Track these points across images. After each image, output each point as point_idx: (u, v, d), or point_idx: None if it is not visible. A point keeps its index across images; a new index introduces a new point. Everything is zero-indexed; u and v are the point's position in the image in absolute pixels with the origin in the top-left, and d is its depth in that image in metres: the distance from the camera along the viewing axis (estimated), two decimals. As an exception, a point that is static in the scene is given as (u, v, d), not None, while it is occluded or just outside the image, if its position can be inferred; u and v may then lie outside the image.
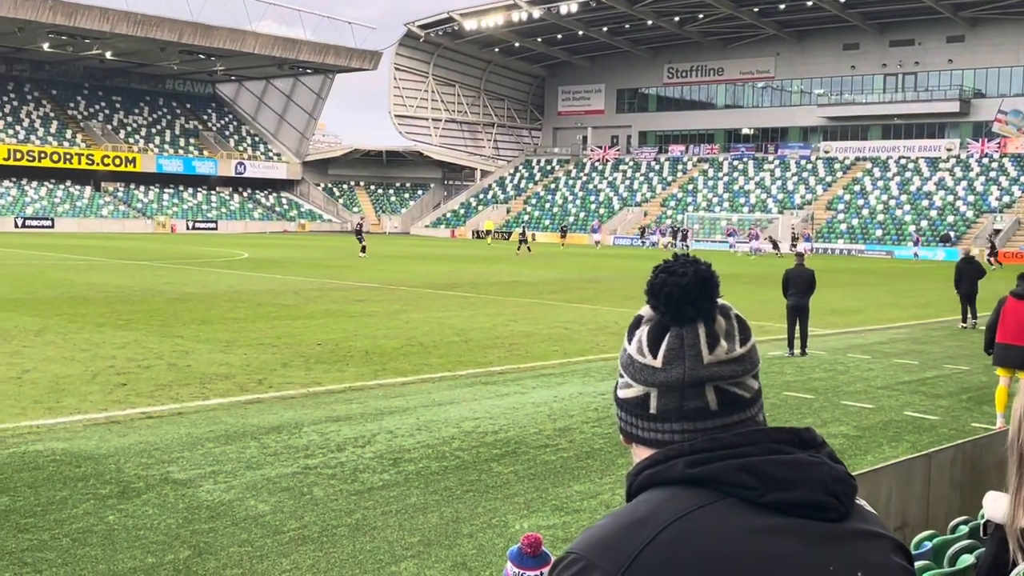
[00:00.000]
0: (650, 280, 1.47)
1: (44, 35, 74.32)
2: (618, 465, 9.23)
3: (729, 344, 1.45)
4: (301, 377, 13.54)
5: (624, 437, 1.54)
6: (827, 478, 1.40)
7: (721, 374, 1.44)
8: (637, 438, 1.50)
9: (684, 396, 1.44)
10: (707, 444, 1.41)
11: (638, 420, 1.49)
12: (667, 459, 1.43)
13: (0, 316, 19.31)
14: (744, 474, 1.37)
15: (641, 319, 1.50)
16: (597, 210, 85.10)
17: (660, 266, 1.48)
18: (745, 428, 1.45)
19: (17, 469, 8.52)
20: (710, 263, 1.48)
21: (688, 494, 1.38)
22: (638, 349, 1.48)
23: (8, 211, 75.73)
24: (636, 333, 1.50)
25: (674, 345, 1.44)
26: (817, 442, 1.46)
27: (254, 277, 31.72)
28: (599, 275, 37.75)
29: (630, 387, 1.49)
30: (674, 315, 1.44)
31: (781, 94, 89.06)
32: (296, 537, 7.00)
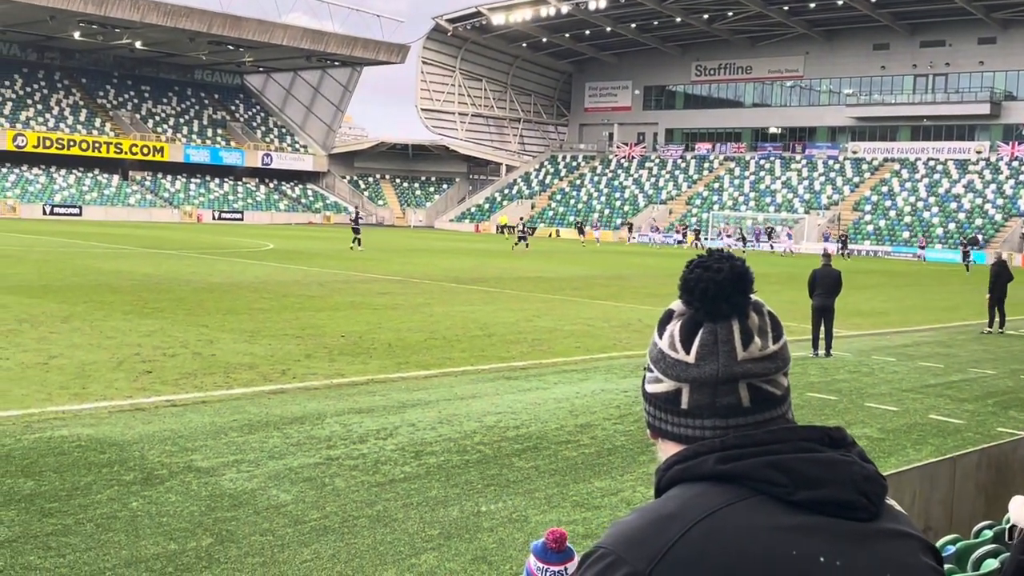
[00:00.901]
0: (684, 275, 1.46)
1: (75, 24, 74.85)
2: (639, 462, 9.22)
3: (763, 341, 1.44)
4: (324, 368, 13.59)
5: (651, 432, 1.53)
6: (857, 477, 1.39)
7: (754, 371, 1.43)
8: (666, 433, 1.49)
9: (717, 393, 1.43)
10: (737, 441, 1.40)
11: (668, 415, 1.48)
12: (697, 455, 1.42)
13: (28, 302, 19.48)
14: (774, 471, 1.37)
15: (672, 313, 1.49)
16: (622, 207, 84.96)
17: (695, 261, 1.47)
18: (776, 426, 1.44)
19: (43, 454, 8.60)
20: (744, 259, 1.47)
21: (718, 491, 1.37)
22: (670, 344, 1.47)
23: (37, 198, 76.36)
24: (667, 328, 1.48)
25: (708, 341, 1.43)
26: (847, 441, 1.45)
27: (279, 268, 31.86)
28: (623, 272, 37.68)
29: (660, 382, 1.48)
30: (708, 311, 1.43)
31: (809, 93, 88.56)
32: (317, 527, 7.04)
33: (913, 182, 75.96)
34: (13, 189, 76.23)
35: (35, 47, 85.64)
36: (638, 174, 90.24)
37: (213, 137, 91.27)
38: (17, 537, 6.57)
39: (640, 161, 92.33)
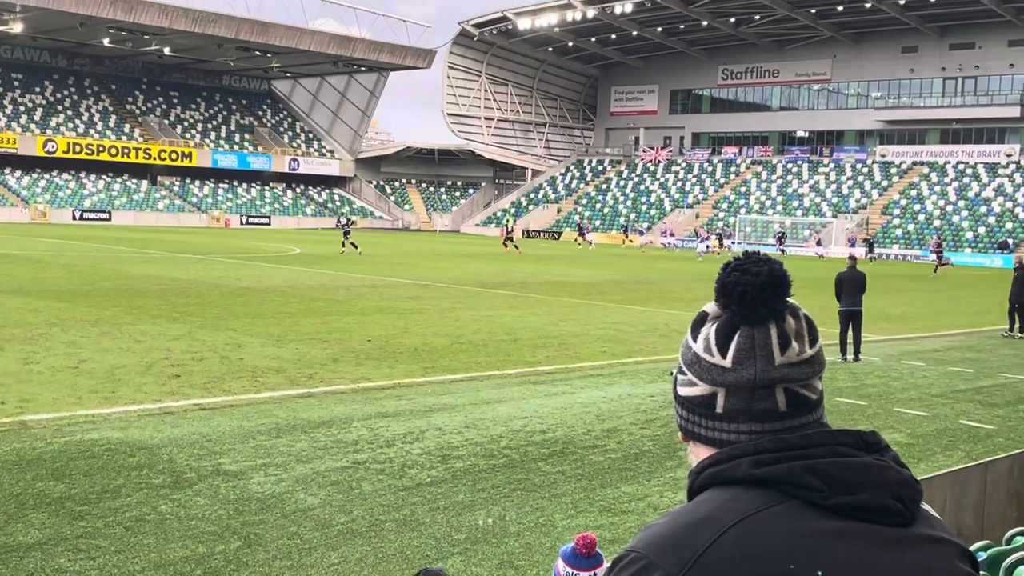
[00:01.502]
0: (721, 278, 1.44)
1: (105, 31, 75.53)
2: (666, 467, 9.19)
3: (800, 345, 1.42)
4: (351, 372, 13.63)
5: (683, 435, 1.52)
6: (893, 482, 1.37)
7: (791, 376, 1.41)
8: (699, 437, 1.48)
9: (753, 397, 1.41)
10: (772, 444, 1.39)
11: (701, 419, 1.46)
12: (730, 459, 1.40)
13: (58, 307, 19.66)
14: (810, 476, 1.35)
15: (706, 316, 1.47)
16: (648, 211, 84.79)
17: (732, 264, 1.45)
18: (811, 430, 1.42)
19: (73, 457, 8.67)
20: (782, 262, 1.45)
21: (752, 495, 1.36)
22: (705, 348, 1.44)
23: (67, 203, 77.07)
24: (702, 331, 1.46)
25: (745, 345, 1.41)
26: (882, 445, 1.44)
27: (306, 272, 32.00)
28: (650, 276, 37.60)
29: (694, 385, 1.46)
30: (745, 314, 1.42)
31: (837, 96, 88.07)
32: (344, 531, 7.06)
33: (942, 186, 75.37)
34: (44, 194, 76.98)
35: (65, 54, 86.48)
36: (664, 178, 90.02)
37: (241, 142, 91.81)
38: (48, 539, 6.63)
39: (666, 165, 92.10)
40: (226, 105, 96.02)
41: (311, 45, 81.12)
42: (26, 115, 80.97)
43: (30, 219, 72.88)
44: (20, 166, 78.33)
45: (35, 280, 25.26)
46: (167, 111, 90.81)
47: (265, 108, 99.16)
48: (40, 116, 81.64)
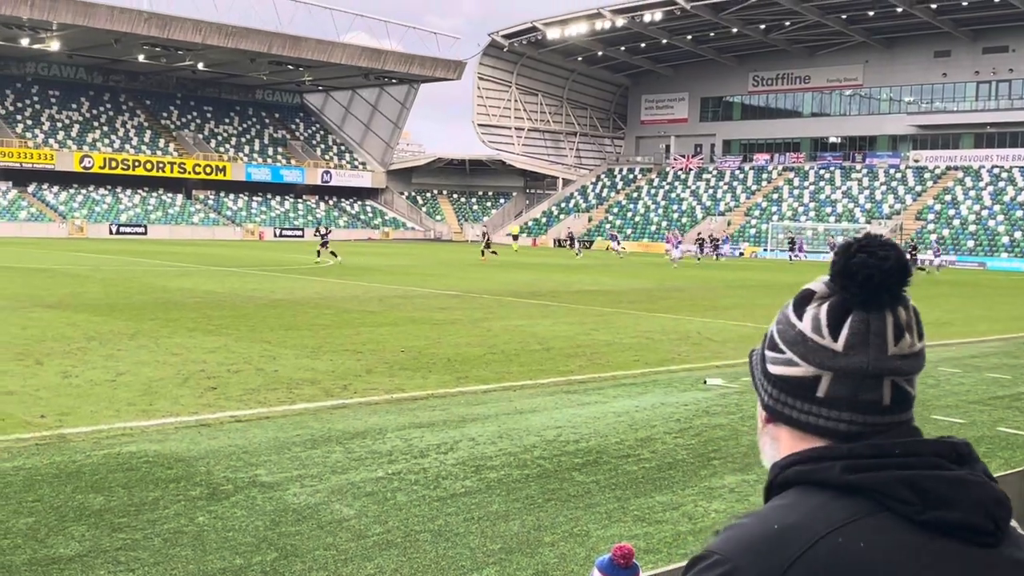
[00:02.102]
0: (844, 258, 1.36)
1: (139, 47, 76.44)
2: (700, 476, 9.17)
3: (911, 337, 1.37)
4: (385, 383, 13.69)
5: (768, 415, 1.43)
6: (988, 500, 1.32)
7: (900, 368, 1.36)
8: (789, 419, 1.39)
9: (861, 386, 1.34)
10: (866, 450, 1.33)
11: (796, 401, 1.38)
12: (821, 459, 1.33)
13: (96, 320, 19.89)
14: (905, 488, 1.29)
15: (812, 294, 1.39)
16: (680, 219, 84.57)
17: (856, 244, 1.36)
18: (906, 429, 1.38)
19: (112, 470, 8.77)
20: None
21: (843, 503, 1.29)
22: (814, 328, 1.36)
23: (103, 218, 77.97)
24: (809, 310, 1.38)
25: (859, 330, 1.34)
26: (973, 458, 1.38)
27: (339, 284, 32.17)
28: (681, 284, 37.49)
29: (795, 365, 1.38)
30: (866, 299, 1.34)
31: (869, 102, 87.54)
32: (380, 542, 7.09)
33: (977, 190, 74.67)
34: (81, 209, 77.92)
35: (101, 70, 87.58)
36: (695, 186, 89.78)
37: (274, 156, 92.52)
38: (88, 552, 6.71)
39: (697, 173, 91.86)
40: (259, 119, 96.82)
41: (342, 58, 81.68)
42: (63, 131, 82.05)
43: (68, 234, 73.78)
44: (58, 182, 79.37)
45: (73, 294, 25.57)
46: (201, 126, 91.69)
47: (298, 121, 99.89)
48: (77, 132, 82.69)
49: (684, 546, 7.24)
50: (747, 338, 20.35)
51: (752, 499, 8.47)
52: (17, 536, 6.96)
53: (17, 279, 30.30)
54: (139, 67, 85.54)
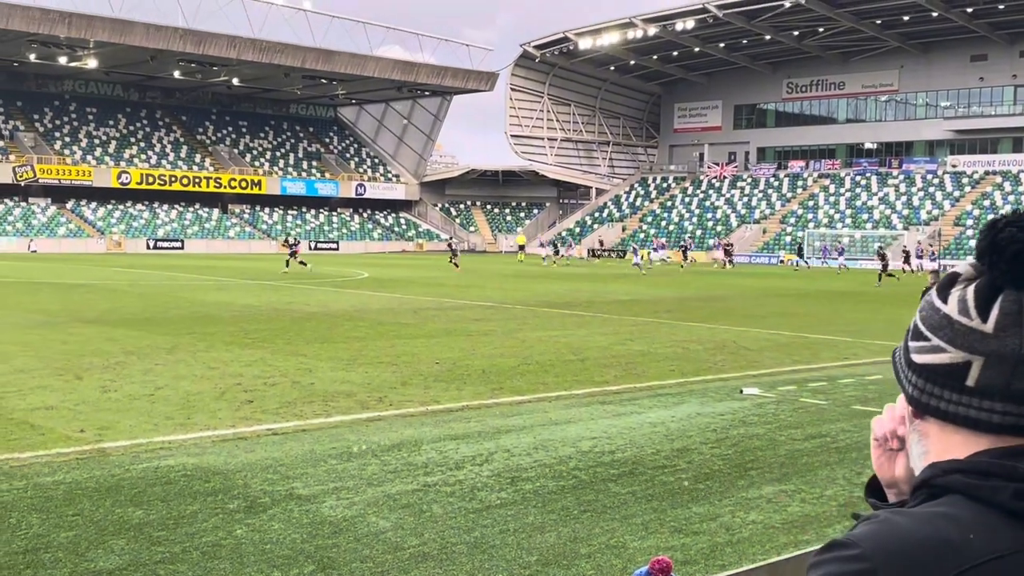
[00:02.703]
0: (992, 233, 1.25)
1: (175, 63, 77.32)
2: (738, 487, 9.10)
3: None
4: (420, 395, 13.72)
5: (916, 409, 1.32)
6: None
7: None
8: (937, 411, 1.28)
9: (1015, 373, 1.22)
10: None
11: (945, 391, 1.27)
12: (989, 475, 1.21)
13: (134, 335, 20.08)
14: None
15: (957, 277, 1.29)
16: (714, 227, 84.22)
17: (1004, 219, 1.26)
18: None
19: (151, 483, 8.85)
20: None
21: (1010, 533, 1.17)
22: (961, 309, 1.26)
23: (141, 233, 78.81)
24: (953, 292, 1.28)
25: (1011, 310, 1.23)
26: None
27: (374, 296, 32.30)
28: (717, 293, 37.31)
29: (942, 351, 1.27)
30: (1017, 277, 1.23)
31: (905, 107, 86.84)
32: (416, 554, 7.10)
33: (1016, 195, 73.79)
34: (119, 225, 78.82)
35: (137, 87, 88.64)
36: (730, 194, 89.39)
37: (308, 169, 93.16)
38: (127, 565, 6.77)
39: (732, 181, 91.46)
40: (293, 133, 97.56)
41: (375, 72, 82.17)
42: (100, 148, 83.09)
43: (106, 249, 74.63)
44: (96, 198, 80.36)
45: (112, 309, 25.84)
46: (236, 140, 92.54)
47: (331, 135, 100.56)
48: (114, 148, 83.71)
49: (721, 557, 7.19)
50: (784, 347, 20.21)
51: (790, 509, 8.40)
52: (58, 550, 7.03)
53: (57, 295, 30.67)
54: (175, 83, 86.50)
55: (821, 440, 11.24)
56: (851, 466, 10.03)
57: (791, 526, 7.97)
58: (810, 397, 14.14)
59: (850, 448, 10.88)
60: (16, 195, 76.89)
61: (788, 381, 15.68)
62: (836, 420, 12.40)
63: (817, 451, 10.67)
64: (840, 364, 18.02)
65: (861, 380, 15.91)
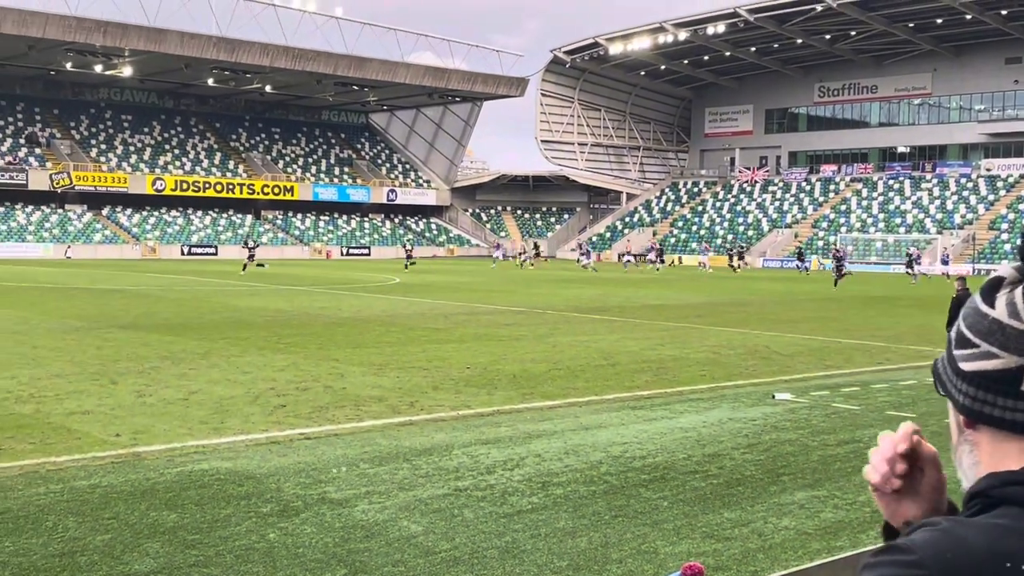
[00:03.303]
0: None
1: (209, 71, 78.01)
2: (770, 493, 9.06)
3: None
4: (451, 400, 13.75)
5: (968, 418, 1.29)
6: None
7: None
8: (991, 419, 1.26)
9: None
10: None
11: (999, 398, 1.24)
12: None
13: (168, 339, 20.27)
14: None
15: (1002, 281, 1.27)
16: (745, 232, 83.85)
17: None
18: None
19: (184, 487, 8.93)
20: None
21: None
22: (1011, 313, 1.24)
23: (175, 239, 79.50)
24: (1000, 296, 1.26)
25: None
26: None
27: (405, 302, 32.40)
28: (748, 298, 37.14)
29: (993, 357, 1.24)
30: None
31: (939, 111, 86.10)
32: (448, 558, 7.12)
33: (1053, 198, 72.98)
34: (153, 231, 79.56)
35: (172, 95, 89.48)
36: (761, 198, 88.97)
37: (340, 175, 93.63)
38: (162, 568, 6.84)
39: (763, 185, 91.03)
40: (325, 139, 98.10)
41: (407, 78, 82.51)
42: (136, 155, 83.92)
43: (141, 255, 75.33)
44: (131, 204, 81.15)
45: (147, 314, 26.08)
46: (269, 147, 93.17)
47: (363, 141, 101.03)
48: (149, 155, 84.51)
49: (754, 563, 7.17)
50: (816, 352, 20.09)
51: (823, 515, 8.36)
52: (94, 553, 7.11)
53: (92, 300, 30.99)
54: (208, 91, 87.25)
55: (854, 446, 11.17)
56: (885, 472, 9.94)
57: (824, 532, 7.92)
58: (843, 402, 14.05)
59: (884, 454, 10.78)
60: (53, 202, 77.78)
61: (820, 386, 15.59)
62: (869, 425, 12.31)
63: (850, 457, 10.60)
64: (873, 369, 17.89)
65: (895, 385, 15.79)
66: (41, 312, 26.32)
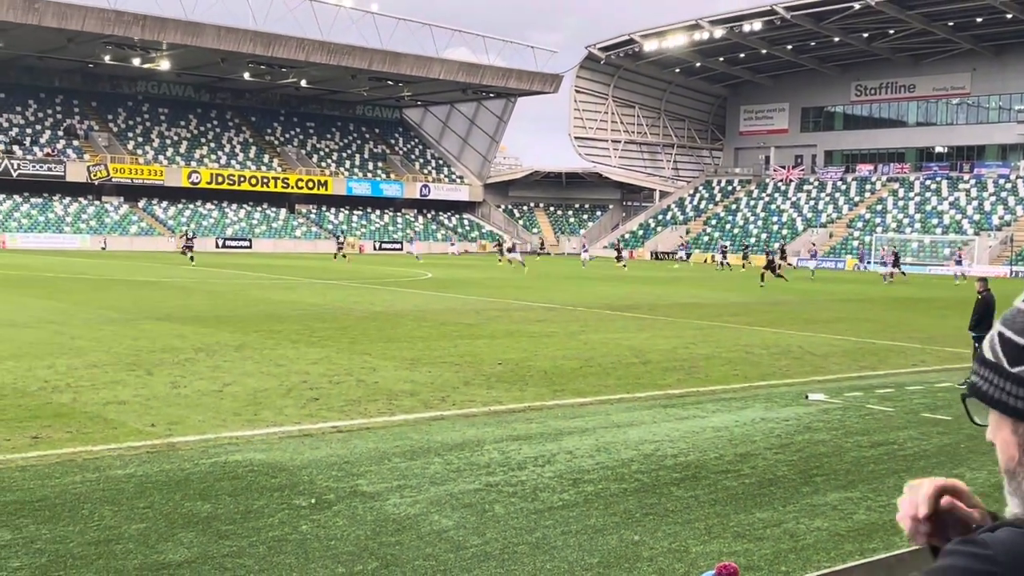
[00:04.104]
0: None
1: (245, 65, 78.48)
2: (802, 493, 9.02)
3: None
4: (482, 395, 13.78)
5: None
6: None
7: None
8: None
9: None
10: None
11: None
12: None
13: (203, 332, 20.43)
14: None
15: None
16: (779, 231, 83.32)
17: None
18: None
19: (219, 478, 9.01)
20: None
21: None
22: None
23: (210, 232, 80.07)
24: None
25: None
26: None
27: (437, 297, 32.48)
28: (782, 298, 36.92)
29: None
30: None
31: (977, 111, 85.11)
32: (478, 553, 7.14)
33: (1093, 200, 71.98)
34: (189, 224, 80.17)
35: (208, 88, 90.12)
36: (796, 197, 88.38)
37: (374, 170, 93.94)
38: (196, 558, 6.91)
39: (798, 184, 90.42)
40: (359, 134, 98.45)
41: (441, 73, 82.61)
42: (172, 148, 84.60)
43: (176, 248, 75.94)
44: (167, 197, 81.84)
45: (182, 307, 26.31)
46: (304, 141, 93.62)
47: (397, 136, 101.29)
48: (185, 149, 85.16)
49: (785, 563, 7.14)
50: (849, 352, 19.95)
51: (856, 517, 8.31)
52: (129, 541, 7.20)
53: (128, 292, 31.30)
54: (244, 84, 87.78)
55: (888, 448, 11.09)
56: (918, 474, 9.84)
57: (857, 534, 7.87)
58: (877, 404, 13.95)
59: (918, 456, 10.71)
60: (90, 194, 78.58)
61: (854, 387, 15.49)
62: (904, 427, 12.22)
63: (884, 458, 10.53)
64: (908, 371, 17.74)
65: (930, 387, 15.65)
66: (78, 303, 26.62)
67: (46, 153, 77.12)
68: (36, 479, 8.79)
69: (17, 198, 75.01)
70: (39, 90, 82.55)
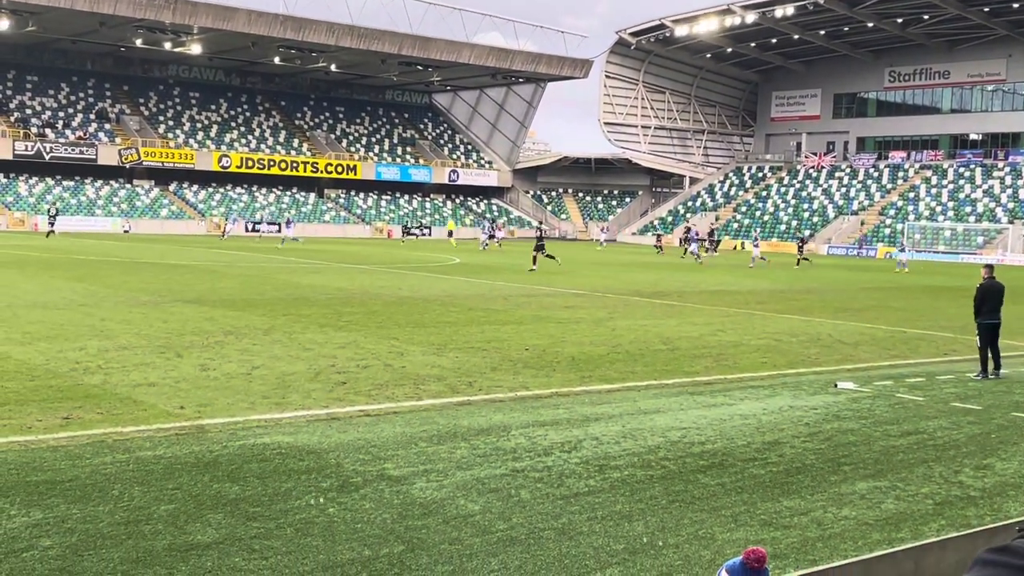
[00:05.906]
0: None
1: (275, 49, 78.66)
2: (830, 482, 8.97)
3: None
4: (509, 381, 13.79)
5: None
6: None
7: None
8: None
9: None
10: None
11: None
12: None
13: (232, 315, 20.55)
14: None
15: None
16: (810, 218, 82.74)
17: None
18: None
19: (247, 460, 9.07)
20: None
21: None
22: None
23: (240, 216, 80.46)
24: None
25: None
26: None
27: (465, 282, 32.51)
28: (811, 286, 36.69)
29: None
30: None
31: (1013, 97, 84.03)
32: (504, 538, 7.15)
33: None
34: (219, 207, 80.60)
35: (239, 72, 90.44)
36: (827, 184, 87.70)
37: (403, 155, 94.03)
38: (224, 539, 6.96)
39: (830, 171, 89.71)
40: (389, 119, 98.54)
41: (471, 58, 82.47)
42: (202, 132, 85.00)
43: (206, 231, 76.36)
44: (197, 180, 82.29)
45: (211, 290, 26.47)
46: (333, 126, 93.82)
47: (426, 121, 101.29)
48: (215, 133, 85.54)
49: (812, 552, 7.10)
50: (880, 341, 19.80)
51: (884, 506, 8.25)
52: (158, 522, 7.26)
53: (159, 275, 31.53)
54: (274, 69, 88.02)
55: (918, 437, 11.00)
56: (948, 464, 9.80)
57: (885, 523, 7.82)
58: (907, 393, 13.85)
59: (948, 446, 10.63)
60: (121, 177, 79.14)
61: (884, 376, 15.37)
62: (934, 417, 12.12)
63: (913, 448, 10.45)
64: (939, 360, 17.60)
65: (961, 377, 15.52)
66: (109, 285, 26.84)
67: (78, 136, 77.71)
68: (67, 459, 8.88)
69: (49, 180, 75.68)
70: (71, 73, 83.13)
